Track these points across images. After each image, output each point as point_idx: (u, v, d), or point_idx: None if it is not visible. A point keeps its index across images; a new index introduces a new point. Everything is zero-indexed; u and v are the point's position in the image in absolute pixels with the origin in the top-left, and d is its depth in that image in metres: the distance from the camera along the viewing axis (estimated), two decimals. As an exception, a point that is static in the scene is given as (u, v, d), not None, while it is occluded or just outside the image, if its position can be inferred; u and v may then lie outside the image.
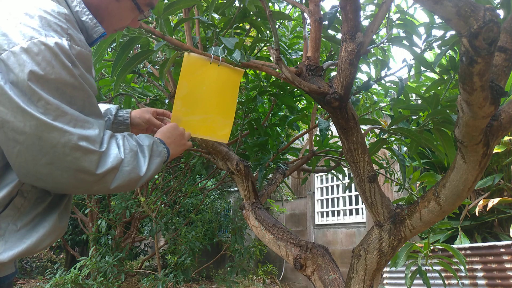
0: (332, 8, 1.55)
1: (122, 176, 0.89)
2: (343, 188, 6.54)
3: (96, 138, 0.84)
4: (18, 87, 0.75)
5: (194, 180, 6.60)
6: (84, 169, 0.81)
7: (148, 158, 0.97)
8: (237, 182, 1.93)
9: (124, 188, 0.92)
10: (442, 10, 0.78)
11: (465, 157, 1.10)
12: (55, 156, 0.79)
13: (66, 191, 0.88)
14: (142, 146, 0.98)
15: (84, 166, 0.81)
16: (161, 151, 1.04)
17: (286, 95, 2.11)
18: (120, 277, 4.87)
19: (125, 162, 0.90)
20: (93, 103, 0.87)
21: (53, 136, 0.77)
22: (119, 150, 0.89)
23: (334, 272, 1.56)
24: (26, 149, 0.77)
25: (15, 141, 0.77)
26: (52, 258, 8.60)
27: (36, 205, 0.87)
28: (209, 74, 1.35)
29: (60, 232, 0.92)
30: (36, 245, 0.85)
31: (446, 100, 1.59)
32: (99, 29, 0.95)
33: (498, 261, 3.38)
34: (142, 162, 0.95)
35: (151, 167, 0.98)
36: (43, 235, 0.86)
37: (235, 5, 1.76)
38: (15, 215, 0.84)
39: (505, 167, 4.30)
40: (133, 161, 0.92)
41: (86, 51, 0.86)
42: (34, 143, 0.77)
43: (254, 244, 5.88)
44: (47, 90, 0.77)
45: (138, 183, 0.95)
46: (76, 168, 0.81)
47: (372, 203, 1.40)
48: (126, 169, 0.90)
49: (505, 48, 0.98)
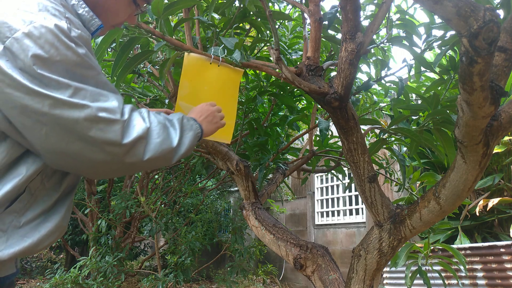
0: (332, 8, 1.55)
1: (153, 148, 0.87)
2: (343, 188, 6.54)
3: (116, 109, 0.83)
4: (27, 72, 0.75)
5: (194, 180, 6.60)
6: (110, 140, 0.80)
7: (179, 130, 0.96)
8: (237, 182, 1.93)
9: (159, 161, 0.90)
10: (442, 10, 0.78)
11: (465, 157, 1.10)
12: (80, 132, 0.78)
13: (102, 171, 0.87)
14: (171, 120, 0.97)
15: (109, 137, 0.80)
16: (192, 125, 1.02)
17: (286, 95, 2.11)
18: (120, 277, 4.87)
19: (154, 133, 0.89)
20: (105, 81, 0.87)
21: (73, 112, 0.77)
22: (144, 120, 0.88)
23: (334, 272, 1.56)
24: (52, 130, 0.77)
25: (40, 123, 0.77)
26: (52, 258, 8.60)
27: (42, 203, 0.87)
28: (209, 74, 1.35)
29: (61, 232, 0.92)
30: (37, 244, 0.85)
31: (446, 100, 1.59)
32: (96, 21, 0.95)
33: (498, 261, 3.38)
34: (173, 134, 0.94)
35: (184, 141, 0.96)
36: (45, 234, 0.86)
37: (235, 5, 1.76)
38: (20, 211, 0.84)
39: (505, 167, 4.30)
40: (163, 133, 0.91)
41: (86, 35, 0.85)
42: (57, 122, 0.77)
43: (254, 244, 5.88)
44: (56, 72, 0.77)
45: (174, 157, 0.93)
46: (102, 140, 0.80)
47: (372, 203, 1.40)
48: (156, 141, 0.88)
49: (505, 48, 0.98)
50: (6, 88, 0.75)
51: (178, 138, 0.95)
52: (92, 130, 0.79)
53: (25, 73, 0.75)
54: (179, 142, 0.95)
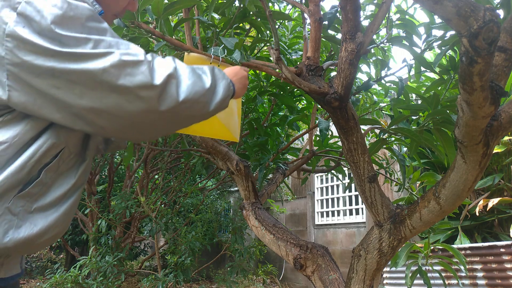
0: (332, 8, 1.55)
1: (186, 89, 0.85)
2: (343, 188, 6.54)
3: (137, 51, 0.82)
4: (45, 34, 0.75)
5: (194, 180, 6.60)
6: (141, 82, 0.79)
7: (210, 76, 0.93)
8: (237, 182, 1.93)
9: (196, 106, 0.88)
10: (442, 10, 0.78)
11: (465, 157, 1.10)
12: (110, 82, 0.77)
13: (142, 127, 0.84)
14: (200, 67, 0.95)
15: (139, 80, 0.79)
16: (224, 75, 0.99)
17: (286, 95, 2.11)
18: (120, 277, 4.87)
19: (183, 73, 0.87)
20: (120, 38, 0.86)
21: (98, 63, 0.77)
22: (169, 61, 0.86)
23: (334, 272, 1.56)
24: (84, 86, 0.77)
25: (71, 82, 0.76)
26: (52, 258, 8.60)
27: (56, 190, 0.87)
28: None
29: (65, 226, 0.91)
30: (43, 233, 0.84)
31: (446, 100, 1.59)
32: (96, 7, 0.94)
33: (498, 261, 3.38)
34: (205, 78, 0.92)
35: (218, 89, 0.94)
36: (51, 224, 0.85)
37: (235, 5, 1.76)
38: (34, 196, 0.83)
39: (505, 167, 4.30)
40: (193, 75, 0.88)
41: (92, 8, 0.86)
42: (86, 77, 0.76)
43: (254, 244, 5.88)
44: (73, 29, 0.77)
45: (210, 103, 0.91)
46: (134, 85, 0.79)
47: (372, 203, 1.40)
48: (187, 82, 0.86)
49: (505, 48, 0.98)
50: (27, 56, 0.74)
51: (211, 82, 0.92)
52: (120, 77, 0.78)
53: (44, 35, 0.75)
54: (212, 86, 0.93)
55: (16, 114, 0.81)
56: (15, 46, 0.74)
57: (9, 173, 0.78)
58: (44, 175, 0.84)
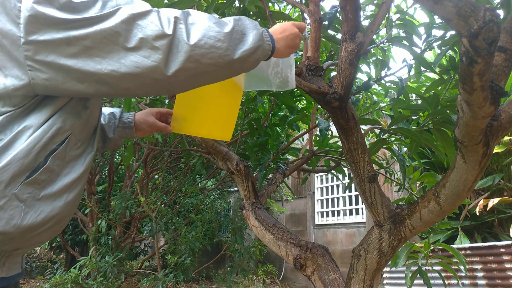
0: (332, 8, 1.55)
1: (197, 31, 0.83)
2: (343, 188, 6.54)
3: (143, 3, 0.82)
4: (62, 7, 0.76)
5: (194, 180, 6.60)
6: (153, 33, 0.79)
7: (233, 22, 0.88)
8: (237, 182, 1.93)
9: (212, 48, 0.84)
10: (442, 10, 0.78)
11: (465, 157, 1.10)
12: (123, 39, 0.78)
13: (163, 78, 0.83)
14: (225, 18, 0.91)
15: (151, 30, 0.80)
16: (256, 25, 0.92)
17: (286, 95, 2.11)
18: (120, 277, 4.87)
19: (196, 19, 0.85)
20: None
21: (108, 22, 0.77)
22: (176, 10, 0.85)
23: (334, 272, 1.56)
24: (100, 50, 0.77)
25: (87, 48, 0.77)
26: (52, 258, 8.60)
27: (64, 178, 0.87)
28: None
29: (65, 221, 0.92)
30: (47, 221, 0.84)
31: (446, 100, 1.59)
32: None
33: (498, 261, 3.38)
34: (224, 23, 0.87)
35: (245, 37, 0.88)
36: (55, 212, 0.85)
37: (235, 5, 1.76)
38: (42, 183, 0.83)
39: (505, 167, 4.30)
40: (208, 21, 0.86)
41: None
42: (100, 38, 0.77)
43: (254, 244, 5.87)
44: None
45: (230, 47, 0.86)
46: (147, 36, 0.79)
47: (372, 203, 1.40)
48: (200, 26, 0.84)
49: (505, 48, 0.98)
50: (44, 31, 0.75)
51: (232, 27, 0.87)
52: (132, 31, 0.78)
53: (62, 8, 0.76)
54: (236, 32, 0.87)
55: (34, 103, 0.81)
56: (33, 24, 0.75)
57: (14, 157, 0.78)
58: (52, 161, 0.84)
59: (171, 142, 3.99)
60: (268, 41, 0.93)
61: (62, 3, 0.76)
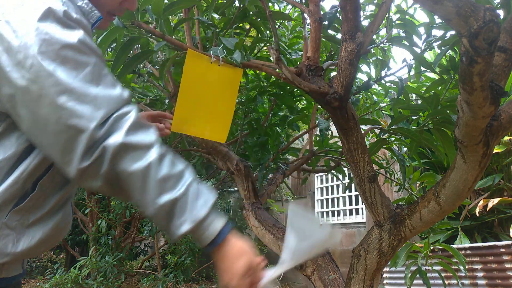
0: (332, 8, 1.55)
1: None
2: (343, 188, 6.53)
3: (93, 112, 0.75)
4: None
5: (194, 180, 6.58)
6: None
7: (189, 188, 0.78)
8: (237, 182, 1.93)
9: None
10: (442, 10, 0.78)
11: (465, 157, 1.10)
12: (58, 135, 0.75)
13: None
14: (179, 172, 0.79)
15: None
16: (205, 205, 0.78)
17: (286, 95, 2.11)
18: (120, 277, 4.87)
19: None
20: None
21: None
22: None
23: (334, 272, 1.56)
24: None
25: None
26: (52, 258, 8.60)
27: (51, 200, 0.86)
28: (210, 73, 1.35)
29: (64, 232, 0.91)
30: (40, 244, 0.84)
31: (446, 100, 1.59)
32: (95, 13, 0.90)
33: (498, 261, 3.38)
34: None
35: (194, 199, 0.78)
36: (47, 234, 0.85)
37: (235, 5, 1.76)
38: (30, 209, 0.82)
39: (505, 167, 4.30)
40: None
41: (85, 21, 0.83)
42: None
43: (254, 244, 5.88)
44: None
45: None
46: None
47: (372, 203, 1.40)
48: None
49: (505, 48, 0.98)
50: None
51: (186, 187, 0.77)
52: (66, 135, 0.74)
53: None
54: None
55: (7, 125, 0.80)
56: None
57: (3, 188, 0.78)
58: (40, 188, 0.83)
59: (171, 142, 3.99)
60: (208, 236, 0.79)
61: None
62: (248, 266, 0.81)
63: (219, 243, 0.80)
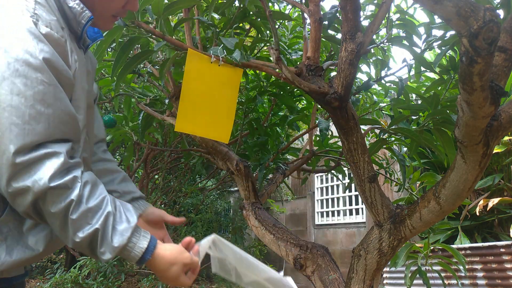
0: (332, 8, 1.55)
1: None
2: (343, 188, 6.54)
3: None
4: None
5: (194, 180, 6.60)
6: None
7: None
8: (237, 182, 1.93)
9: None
10: (442, 10, 0.78)
11: (465, 157, 1.10)
12: None
13: None
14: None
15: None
16: (124, 232, 0.81)
17: (286, 95, 2.11)
18: (120, 277, 4.86)
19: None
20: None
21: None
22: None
23: (334, 272, 1.56)
24: None
25: None
26: (52, 258, 8.59)
27: None
28: (210, 73, 1.36)
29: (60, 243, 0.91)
30: (38, 256, 0.84)
31: (446, 100, 1.59)
32: (86, 13, 0.89)
33: (498, 261, 3.38)
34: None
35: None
36: (45, 244, 0.85)
37: (235, 5, 1.76)
38: (21, 218, 0.82)
39: (505, 167, 4.30)
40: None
41: (57, 34, 0.81)
42: None
43: (254, 244, 5.88)
44: None
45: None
46: None
47: (372, 203, 1.40)
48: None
49: (505, 48, 0.98)
50: None
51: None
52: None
53: None
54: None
55: None
56: None
57: None
58: None
59: (171, 142, 3.99)
60: (135, 251, 0.83)
61: None
62: (180, 271, 0.88)
63: (148, 260, 0.84)
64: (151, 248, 0.84)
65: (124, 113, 2.11)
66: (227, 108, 1.40)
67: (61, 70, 0.80)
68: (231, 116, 1.41)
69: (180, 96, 1.33)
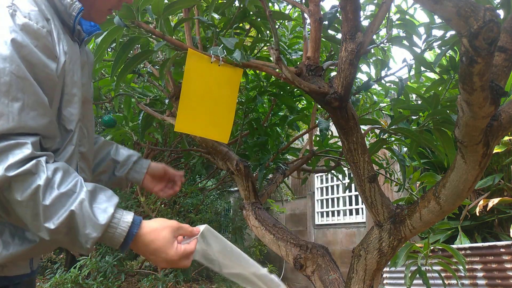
0: (332, 8, 1.55)
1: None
2: (343, 188, 6.54)
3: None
4: None
5: (194, 180, 6.60)
6: None
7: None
8: (237, 182, 1.93)
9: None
10: (442, 10, 0.78)
11: (465, 157, 1.10)
12: None
13: None
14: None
15: None
16: (106, 209, 0.79)
17: (286, 95, 2.11)
18: (120, 277, 4.87)
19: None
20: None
21: None
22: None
23: (334, 272, 1.56)
24: None
25: None
26: (52, 258, 8.59)
27: None
28: (210, 73, 1.36)
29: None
30: (34, 248, 0.83)
31: (446, 100, 1.59)
32: (76, 5, 0.89)
33: (498, 261, 3.38)
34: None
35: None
36: (38, 242, 0.84)
37: (235, 5, 1.76)
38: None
39: (505, 167, 4.30)
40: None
41: (36, 25, 0.79)
42: None
43: (254, 244, 5.88)
44: None
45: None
46: None
47: (372, 203, 1.40)
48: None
49: (505, 48, 0.98)
50: None
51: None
52: None
53: None
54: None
55: None
56: None
57: None
58: None
59: (171, 142, 3.99)
60: (118, 233, 0.79)
61: None
62: (170, 236, 0.82)
63: (135, 234, 0.80)
64: (137, 222, 0.80)
65: (124, 113, 2.11)
66: (227, 108, 1.40)
67: (36, 64, 0.78)
68: (231, 116, 1.41)
69: (180, 96, 1.33)
